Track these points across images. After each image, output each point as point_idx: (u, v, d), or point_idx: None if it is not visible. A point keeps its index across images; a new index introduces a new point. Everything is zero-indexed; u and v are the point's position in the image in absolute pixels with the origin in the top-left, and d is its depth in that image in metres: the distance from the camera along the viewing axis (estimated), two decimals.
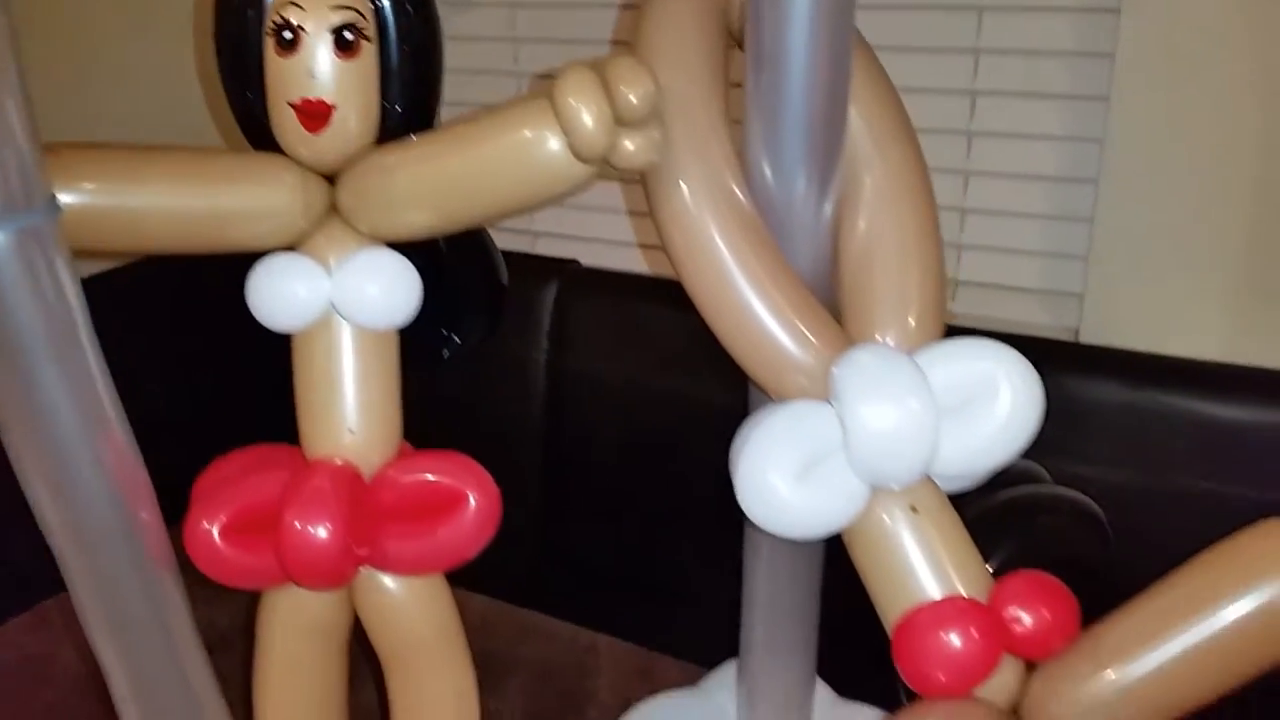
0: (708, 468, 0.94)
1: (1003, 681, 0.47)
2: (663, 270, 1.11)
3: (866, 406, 0.46)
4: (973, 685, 0.46)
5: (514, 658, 1.02)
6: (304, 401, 0.54)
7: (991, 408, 0.48)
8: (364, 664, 0.62)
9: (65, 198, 0.45)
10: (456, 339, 0.71)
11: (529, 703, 0.96)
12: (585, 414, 1.27)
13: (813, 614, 0.69)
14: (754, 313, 0.52)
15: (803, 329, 0.51)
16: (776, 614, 0.69)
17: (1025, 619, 0.46)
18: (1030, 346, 1.11)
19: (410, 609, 0.57)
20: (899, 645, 0.48)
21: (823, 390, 0.50)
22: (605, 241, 1.21)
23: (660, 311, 1.17)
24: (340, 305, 0.52)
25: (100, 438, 0.46)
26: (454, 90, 0.58)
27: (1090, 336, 1.01)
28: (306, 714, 0.57)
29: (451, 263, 0.65)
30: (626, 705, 0.83)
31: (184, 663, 0.54)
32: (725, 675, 0.79)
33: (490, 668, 1.01)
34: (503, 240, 1.43)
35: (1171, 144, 0.84)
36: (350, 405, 0.53)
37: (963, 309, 0.99)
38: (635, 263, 1.18)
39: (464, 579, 1.12)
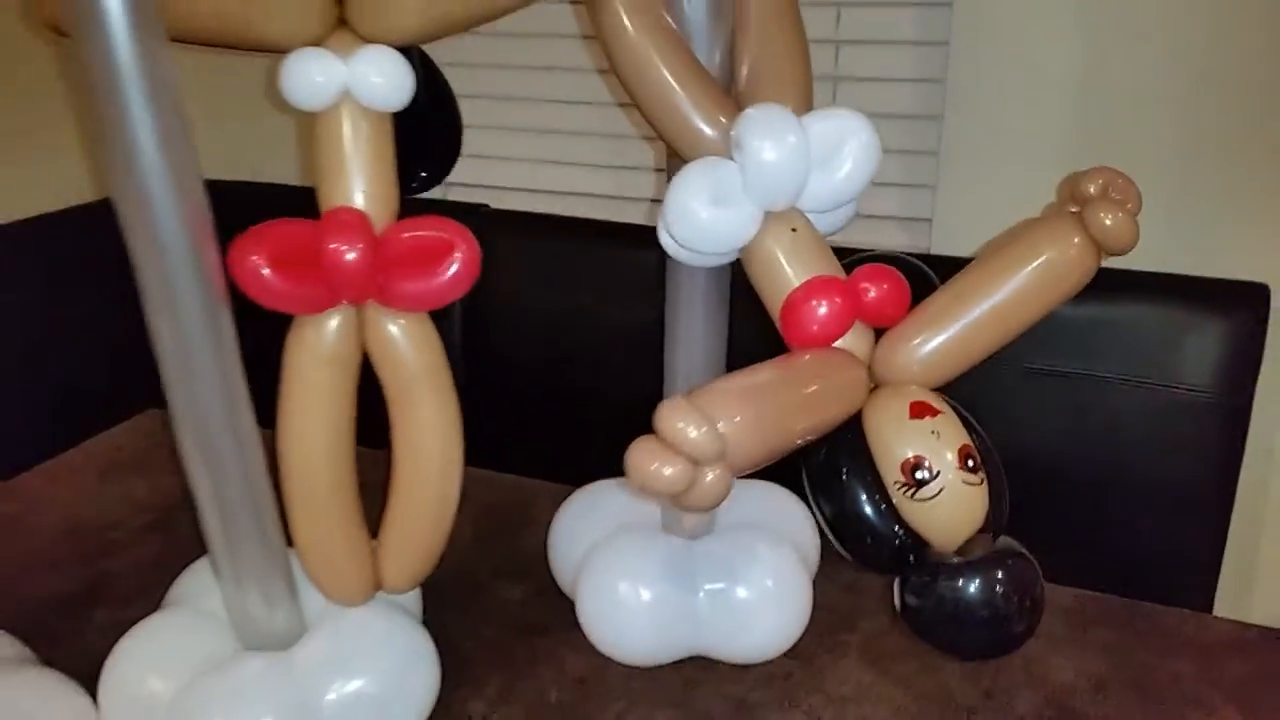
0: (614, 373, 1.12)
1: (857, 343, 0.66)
2: (558, 210, 1.29)
3: (759, 140, 0.65)
4: (836, 336, 0.65)
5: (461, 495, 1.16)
6: (324, 171, 0.69)
7: (846, 154, 0.67)
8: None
9: None
10: (423, 173, 0.86)
11: (477, 525, 1.10)
12: (502, 343, 1.42)
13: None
14: (675, 98, 0.69)
15: (711, 108, 0.69)
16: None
17: (872, 290, 0.65)
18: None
19: (406, 345, 0.72)
20: (784, 320, 0.66)
21: (724, 152, 0.68)
22: (509, 189, 1.36)
23: (565, 246, 1.33)
24: (354, 89, 0.67)
25: (178, 179, 0.60)
26: None
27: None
28: (321, 432, 0.71)
29: (421, 101, 0.81)
30: None
31: (233, 390, 0.67)
32: None
33: None
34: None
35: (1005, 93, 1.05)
36: (363, 169, 0.68)
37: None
38: (538, 205, 1.34)
39: None
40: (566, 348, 1.34)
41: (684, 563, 0.86)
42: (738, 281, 0.76)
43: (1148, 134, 1.02)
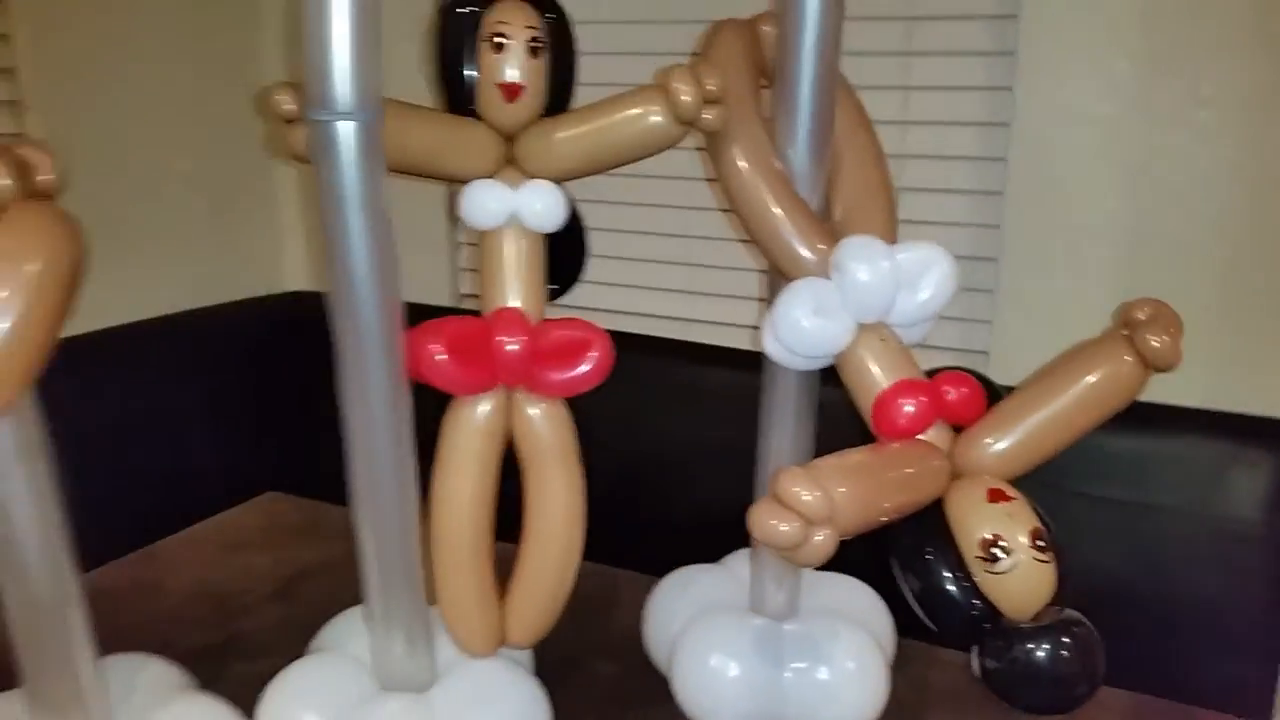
0: (683, 482, 1.21)
1: (938, 438, 0.77)
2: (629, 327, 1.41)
3: (856, 263, 0.77)
4: (920, 431, 0.75)
5: None
6: (489, 277, 0.83)
7: (928, 278, 0.79)
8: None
9: None
10: (555, 286, 0.99)
11: (569, 607, 1.19)
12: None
13: None
14: (781, 228, 0.83)
15: (812, 236, 0.82)
16: None
17: (953, 392, 0.76)
18: None
19: (544, 425, 0.84)
20: (875, 416, 0.77)
21: (822, 273, 0.81)
22: (581, 308, 1.47)
23: (641, 363, 1.45)
24: (520, 214, 0.82)
25: (384, 281, 0.73)
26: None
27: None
28: (469, 495, 0.83)
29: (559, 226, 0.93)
30: None
31: (404, 462, 0.79)
32: (741, 554, 1.05)
33: None
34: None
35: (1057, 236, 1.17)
36: (521, 278, 0.82)
37: None
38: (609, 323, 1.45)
39: None
40: (637, 457, 1.44)
41: (771, 641, 0.94)
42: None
43: (1193, 284, 1.12)
